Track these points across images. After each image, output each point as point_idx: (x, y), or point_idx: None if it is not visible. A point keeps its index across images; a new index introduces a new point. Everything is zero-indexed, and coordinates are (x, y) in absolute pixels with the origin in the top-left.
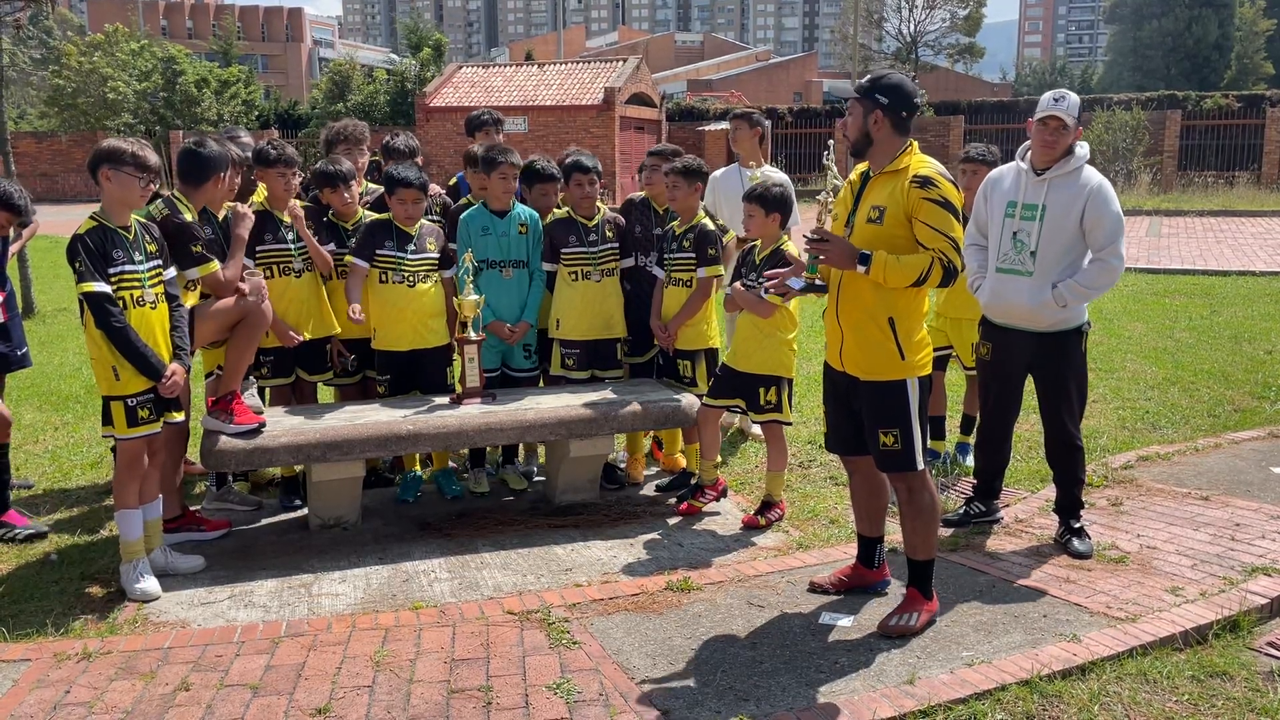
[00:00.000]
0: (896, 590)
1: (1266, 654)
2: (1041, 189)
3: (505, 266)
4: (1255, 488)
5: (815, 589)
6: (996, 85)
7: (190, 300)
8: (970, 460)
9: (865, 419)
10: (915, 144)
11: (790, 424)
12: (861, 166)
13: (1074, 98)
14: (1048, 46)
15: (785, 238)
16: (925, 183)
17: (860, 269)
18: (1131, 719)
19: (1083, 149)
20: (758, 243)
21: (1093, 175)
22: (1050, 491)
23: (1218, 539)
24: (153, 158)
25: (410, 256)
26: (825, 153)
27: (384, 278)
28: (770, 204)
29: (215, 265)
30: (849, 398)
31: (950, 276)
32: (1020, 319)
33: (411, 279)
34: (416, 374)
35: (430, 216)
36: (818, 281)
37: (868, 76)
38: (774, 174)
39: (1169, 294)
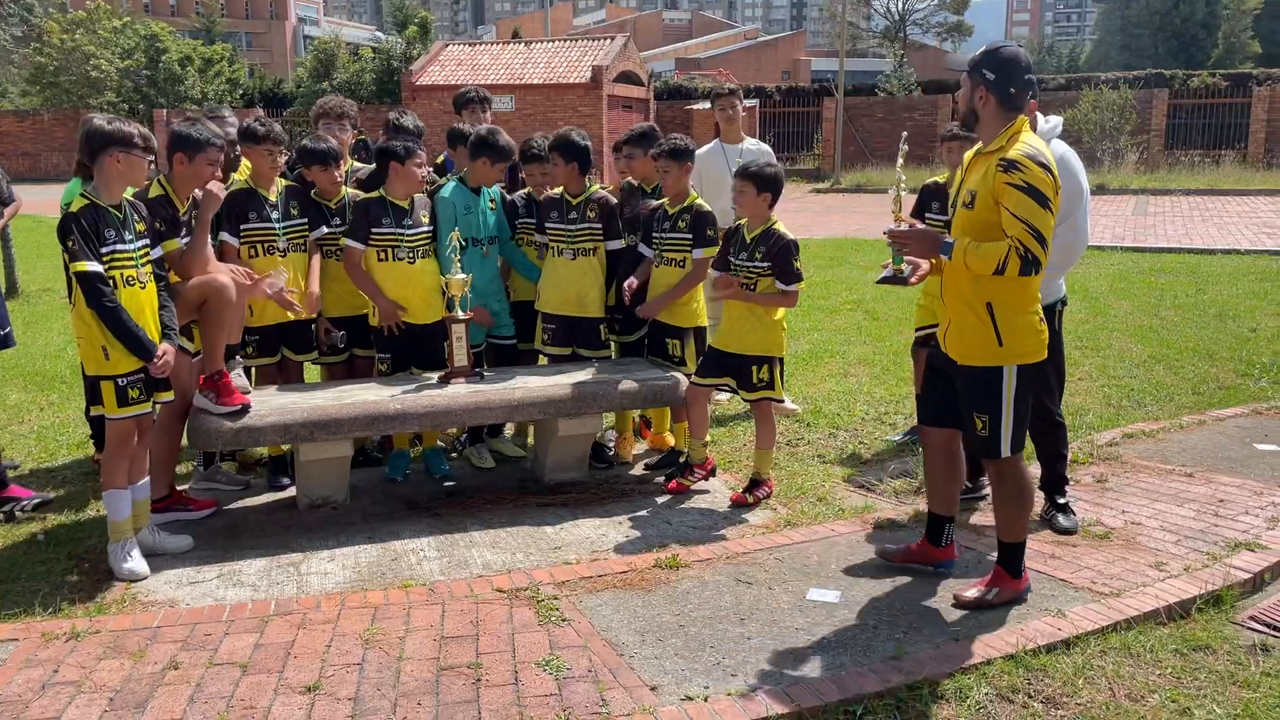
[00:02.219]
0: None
1: (1249, 628)
2: None
3: (484, 244)
4: (1239, 464)
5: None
6: None
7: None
8: None
9: (960, 401)
10: (1024, 121)
11: (782, 401)
12: (976, 147)
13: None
14: (1036, 25)
15: (774, 219)
16: (1009, 166)
17: (944, 257)
18: (1115, 692)
19: (1046, 124)
20: (744, 221)
21: (1056, 148)
22: (1035, 469)
23: (1201, 515)
24: (152, 137)
25: (409, 231)
26: (900, 148)
27: (383, 255)
28: (764, 183)
29: (178, 243)
30: (948, 373)
31: (1030, 267)
32: None
33: (412, 255)
34: (417, 351)
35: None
36: (903, 273)
37: (981, 49)
38: (766, 151)
39: (1155, 272)
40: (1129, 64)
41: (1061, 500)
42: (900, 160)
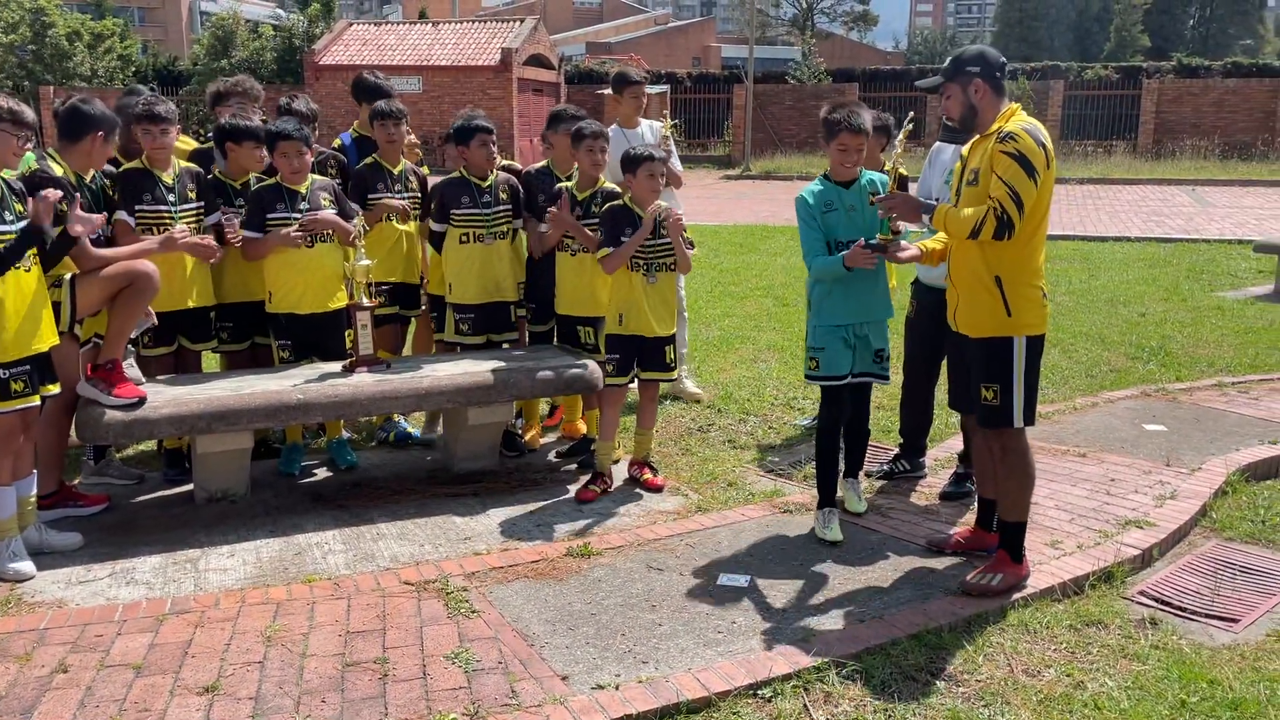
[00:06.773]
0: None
1: (1138, 603)
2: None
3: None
4: (1129, 444)
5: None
6: (889, 53)
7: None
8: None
9: (972, 374)
10: (1018, 106)
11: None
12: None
13: None
14: (939, 15)
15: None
16: (1007, 137)
17: (925, 217)
18: (1013, 668)
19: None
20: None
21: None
22: (938, 451)
23: (1094, 494)
24: (28, 114)
25: (304, 217)
26: (905, 122)
27: None
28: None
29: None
30: (964, 356)
31: (1004, 229)
32: (938, 279)
33: (310, 239)
34: (320, 339)
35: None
36: (889, 242)
37: (949, 59)
38: (651, 131)
39: (1050, 259)
40: (1027, 55)
41: (971, 484)
42: (901, 137)
